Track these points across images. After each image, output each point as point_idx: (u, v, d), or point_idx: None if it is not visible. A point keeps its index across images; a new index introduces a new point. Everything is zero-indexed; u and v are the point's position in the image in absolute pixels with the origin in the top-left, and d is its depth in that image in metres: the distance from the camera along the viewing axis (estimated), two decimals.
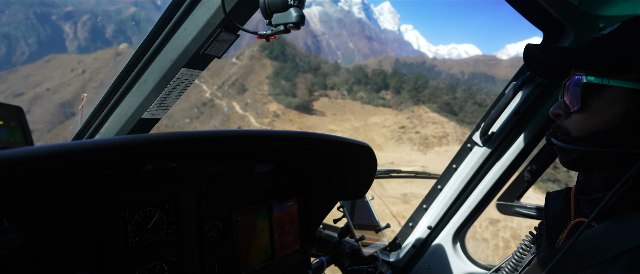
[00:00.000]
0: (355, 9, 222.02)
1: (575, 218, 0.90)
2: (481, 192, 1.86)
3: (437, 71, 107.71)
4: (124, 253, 0.96)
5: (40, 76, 68.34)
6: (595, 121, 0.80)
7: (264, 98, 55.37)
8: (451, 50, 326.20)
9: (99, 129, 1.47)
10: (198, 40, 1.21)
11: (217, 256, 1.21)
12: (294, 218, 1.51)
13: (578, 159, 0.83)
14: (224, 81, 60.13)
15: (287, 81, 58.65)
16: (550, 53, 0.87)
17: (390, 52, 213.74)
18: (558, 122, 0.89)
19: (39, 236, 0.80)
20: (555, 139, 0.87)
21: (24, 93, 64.80)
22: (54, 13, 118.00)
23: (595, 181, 0.84)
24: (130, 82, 1.35)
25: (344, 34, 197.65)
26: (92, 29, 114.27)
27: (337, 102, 58.44)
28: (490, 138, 1.78)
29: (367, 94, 59.07)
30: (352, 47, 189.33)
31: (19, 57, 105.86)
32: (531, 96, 1.64)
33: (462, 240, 2.00)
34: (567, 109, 0.85)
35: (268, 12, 0.99)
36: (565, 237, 0.89)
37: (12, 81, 70.37)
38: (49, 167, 0.72)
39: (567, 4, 1.30)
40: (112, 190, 0.93)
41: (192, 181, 1.13)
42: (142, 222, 1.01)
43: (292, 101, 54.03)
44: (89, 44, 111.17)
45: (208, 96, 56.36)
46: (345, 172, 1.48)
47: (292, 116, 50.49)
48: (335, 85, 62.20)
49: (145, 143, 0.84)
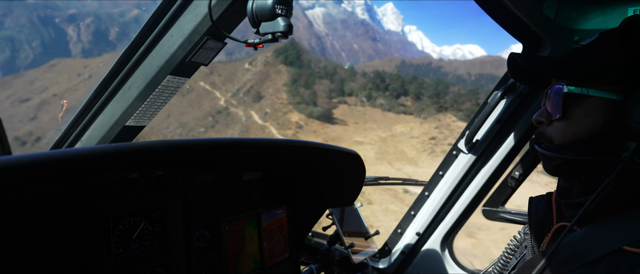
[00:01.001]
0: (358, 10, 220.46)
1: (557, 222, 0.92)
2: (467, 199, 1.89)
3: (443, 71, 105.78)
4: (107, 264, 0.93)
5: (46, 81, 66.30)
6: (576, 129, 0.83)
7: (284, 107, 53.25)
8: (455, 51, 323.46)
9: (80, 137, 1.43)
10: (184, 48, 1.20)
11: (205, 266, 1.18)
12: (283, 226, 1.50)
13: (560, 166, 0.86)
14: (238, 88, 57.99)
15: (306, 88, 56.47)
16: (531, 62, 0.90)
17: (395, 53, 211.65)
18: (541, 129, 0.91)
19: (16, 249, 0.77)
20: (539, 146, 0.90)
21: (30, 99, 62.36)
22: (57, 16, 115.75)
23: (575, 186, 0.86)
24: (114, 88, 1.32)
25: (348, 36, 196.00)
26: (96, 31, 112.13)
27: (357, 109, 56.51)
28: (474, 145, 1.81)
29: (386, 101, 57.52)
30: (356, 48, 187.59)
31: (23, 61, 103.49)
32: (513, 104, 1.69)
33: (450, 246, 2.02)
34: (549, 117, 0.88)
35: (256, 21, 0.99)
36: (549, 241, 0.91)
37: (18, 86, 67.90)
38: (26, 177, 0.69)
39: (544, 17, 1.37)
40: (95, 200, 0.90)
41: (179, 189, 1.10)
42: (126, 232, 0.97)
43: (314, 110, 51.95)
44: (92, 46, 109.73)
45: (222, 104, 54.20)
46: (334, 180, 1.48)
47: (315, 126, 48.29)
48: (353, 91, 60.51)
49: (129, 151, 0.82)
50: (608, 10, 1.33)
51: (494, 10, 1.41)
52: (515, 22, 1.44)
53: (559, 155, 0.84)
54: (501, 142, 1.78)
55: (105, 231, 0.93)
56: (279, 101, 55.03)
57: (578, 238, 0.80)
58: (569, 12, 1.37)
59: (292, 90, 56.70)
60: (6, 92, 66.22)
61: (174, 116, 56.21)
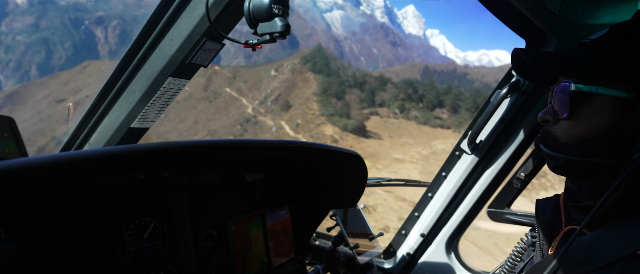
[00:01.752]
0: (377, 13, 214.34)
1: (566, 225, 0.90)
2: (472, 200, 1.87)
3: (469, 79, 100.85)
4: (121, 262, 0.96)
5: (79, 82, 68.03)
6: (583, 129, 0.80)
7: (316, 119, 50.49)
8: (481, 57, 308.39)
9: (88, 140, 1.46)
10: (184, 50, 1.21)
11: (214, 265, 1.20)
12: (288, 227, 1.51)
13: (565, 166, 0.84)
14: (265, 96, 56.30)
15: (338, 98, 53.24)
16: (534, 58, 0.87)
17: (416, 58, 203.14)
18: (547, 127, 0.89)
19: (36, 247, 0.80)
20: (544, 145, 0.87)
21: (65, 99, 64.75)
22: (86, 18, 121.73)
23: (583, 188, 0.84)
24: (117, 91, 1.34)
25: (367, 39, 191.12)
26: (122, 33, 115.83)
27: (390, 121, 53.04)
28: (477, 146, 1.80)
29: (421, 113, 54.07)
30: (376, 52, 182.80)
31: (57, 61, 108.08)
32: (516, 103, 1.66)
33: (456, 248, 2.01)
34: (556, 115, 0.85)
35: (253, 22, 0.98)
36: (558, 244, 0.89)
37: (54, 86, 69.96)
38: (43, 178, 0.72)
39: (548, 12, 1.32)
40: (106, 200, 0.93)
41: (184, 190, 1.13)
42: (138, 231, 1.01)
43: (348, 123, 48.36)
44: (118, 47, 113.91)
45: (250, 112, 52.72)
46: (337, 181, 1.49)
47: (351, 140, 44.90)
48: (384, 101, 57.31)
49: (135, 153, 0.85)
50: (617, 4, 1.27)
51: (495, 5, 1.37)
52: (517, 18, 1.40)
53: (564, 155, 0.81)
54: (505, 142, 1.76)
55: (118, 230, 0.96)
56: (310, 112, 52.23)
57: (589, 241, 0.78)
58: (574, 6, 1.31)
59: (323, 100, 53.73)
60: (43, 92, 67.99)
61: (202, 122, 55.10)
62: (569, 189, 0.90)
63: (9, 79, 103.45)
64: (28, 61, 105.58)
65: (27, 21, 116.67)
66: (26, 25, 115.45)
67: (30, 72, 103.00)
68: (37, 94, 69.54)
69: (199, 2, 1.13)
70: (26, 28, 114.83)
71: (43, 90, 69.51)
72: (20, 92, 73.03)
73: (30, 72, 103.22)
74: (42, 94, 67.73)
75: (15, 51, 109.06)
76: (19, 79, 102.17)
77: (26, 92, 71.94)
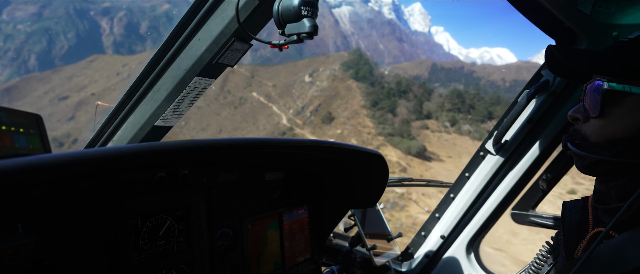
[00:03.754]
0: (385, 10, 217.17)
1: (593, 228, 0.87)
2: (495, 201, 1.82)
3: (475, 77, 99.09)
4: (135, 260, 0.97)
5: (84, 78, 63.58)
6: (614, 128, 0.78)
7: (373, 139, 44.55)
8: (483, 54, 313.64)
9: (112, 137, 1.50)
10: (211, 50, 1.23)
11: (228, 264, 1.20)
12: (305, 226, 1.50)
13: (593, 165, 0.82)
14: (303, 106, 51.60)
15: (392, 114, 47.48)
16: (568, 55, 0.86)
17: (421, 54, 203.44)
18: (576, 126, 0.87)
19: (52, 243, 0.81)
20: (572, 144, 0.85)
21: (69, 97, 59.87)
22: (92, 9, 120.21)
23: (612, 189, 0.82)
24: (144, 90, 1.37)
25: (374, 35, 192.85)
26: (128, 25, 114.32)
27: (444, 137, 48.40)
28: (503, 146, 1.75)
29: (473, 127, 50.46)
30: (382, 48, 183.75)
31: (59, 51, 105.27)
32: (545, 103, 1.62)
33: (477, 250, 1.96)
34: (586, 114, 0.83)
35: (281, 23, 1.00)
36: (584, 247, 0.87)
37: (56, 81, 64.86)
38: (66, 174, 0.73)
39: (579, 13, 1.31)
40: (124, 197, 0.94)
41: (203, 188, 1.13)
42: (153, 229, 1.01)
43: (411, 144, 41.70)
44: (124, 39, 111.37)
45: (285, 123, 48.30)
46: (357, 181, 1.47)
47: (417, 166, 39.27)
48: (431, 113, 53.29)
49: (157, 151, 0.85)
50: None
51: (525, 6, 1.36)
52: (548, 18, 1.38)
53: (592, 155, 0.79)
54: (532, 143, 1.71)
55: (134, 227, 0.97)
56: (364, 130, 46.20)
57: (617, 244, 0.75)
58: (607, 6, 1.30)
59: (377, 116, 47.59)
60: (44, 88, 63.63)
61: (227, 131, 52.01)
62: (598, 191, 0.87)
63: (6, 69, 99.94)
64: (28, 51, 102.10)
65: (30, 10, 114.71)
66: (29, 13, 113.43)
67: (28, 62, 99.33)
68: (37, 88, 64.68)
69: (230, 2, 1.15)
70: (28, 17, 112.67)
71: (44, 85, 65.15)
72: (20, 87, 68.00)
73: (28, 62, 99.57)
74: (43, 89, 63.30)
75: (15, 40, 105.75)
76: (17, 69, 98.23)
77: (26, 86, 67.28)
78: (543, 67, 1.61)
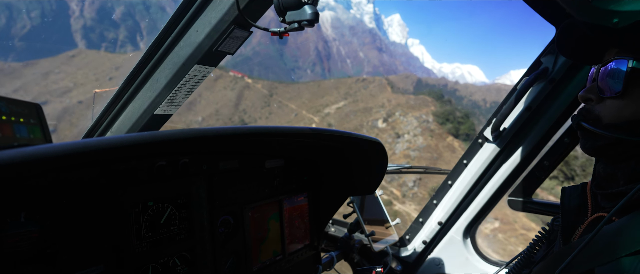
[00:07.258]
0: (366, 18, 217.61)
1: (593, 213, 0.87)
2: (492, 188, 1.84)
3: (459, 95, 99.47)
4: (137, 247, 0.98)
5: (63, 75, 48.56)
6: (634, 109, 0.76)
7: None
8: (455, 70, 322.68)
9: (111, 126, 1.49)
10: (211, 37, 1.22)
11: (229, 251, 1.22)
12: (304, 213, 1.52)
13: (606, 147, 0.80)
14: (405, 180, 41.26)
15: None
16: (593, 28, 0.83)
17: (399, 65, 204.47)
18: (588, 106, 0.85)
19: (55, 232, 0.82)
20: (586, 123, 0.83)
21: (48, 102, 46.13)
22: None
23: (619, 171, 0.81)
24: (143, 78, 1.36)
25: (354, 42, 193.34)
26: (100, 8, 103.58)
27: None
28: (501, 134, 1.76)
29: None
30: (362, 56, 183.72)
31: (19, 30, 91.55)
32: (543, 91, 1.62)
33: (473, 236, 1.99)
34: (601, 94, 0.81)
35: (282, 10, 0.98)
36: (582, 232, 0.87)
37: (29, 77, 50.10)
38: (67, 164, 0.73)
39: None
40: (125, 186, 0.94)
41: (204, 176, 1.14)
42: (154, 217, 1.02)
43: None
44: (95, 23, 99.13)
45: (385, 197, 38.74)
46: (356, 168, 1.48)
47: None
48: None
49: (158, 140, 0.85)
50: None
51: None
52: (548, 4, 1.36)
53: (610, 134, 0.77)
54: (530, 131, 1.72)
55: (136, 215, 0.97)
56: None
57: (616, 228, 0.76)
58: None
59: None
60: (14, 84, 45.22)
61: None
62: (600, 176, 0.87)
63: None
64: None
65: None
66: None
67: None
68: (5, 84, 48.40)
69: None
70: None
71: (13, 81, 48.39)
72: None
73: None
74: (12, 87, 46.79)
75: None
76: None
77: None
78: (543, 54, 1.61)
